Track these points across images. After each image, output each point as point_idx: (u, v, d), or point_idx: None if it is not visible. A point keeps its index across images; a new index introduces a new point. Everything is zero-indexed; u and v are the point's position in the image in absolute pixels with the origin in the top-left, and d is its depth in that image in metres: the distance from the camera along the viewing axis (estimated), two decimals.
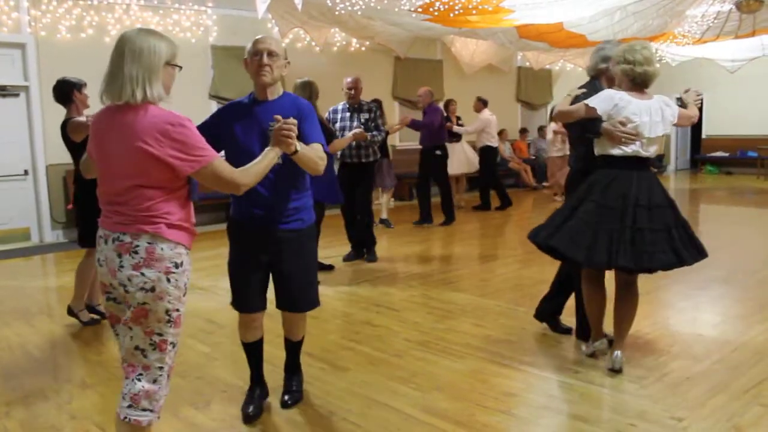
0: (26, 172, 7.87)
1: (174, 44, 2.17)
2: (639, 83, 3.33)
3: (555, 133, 10.65)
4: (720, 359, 3.64)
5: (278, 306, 2.99)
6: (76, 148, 4.22)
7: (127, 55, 2.05)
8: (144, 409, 2.15)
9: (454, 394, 3.21)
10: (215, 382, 3.46)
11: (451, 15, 7.69)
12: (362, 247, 6.50)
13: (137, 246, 2.08)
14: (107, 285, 2.18)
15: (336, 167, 5.96)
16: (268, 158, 2.35)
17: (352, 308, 4.83)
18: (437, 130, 8.54)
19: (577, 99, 3.52)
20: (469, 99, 10.43)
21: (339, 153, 6.09)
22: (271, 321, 4.54)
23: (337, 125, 6.09)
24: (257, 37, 2.78)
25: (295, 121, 2.43)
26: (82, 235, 4.41)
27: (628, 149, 3.30)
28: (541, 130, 13.52)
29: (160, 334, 2.14)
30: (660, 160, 15.78)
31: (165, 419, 3.01)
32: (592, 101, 3.33)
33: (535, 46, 10.25)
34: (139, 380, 2.15)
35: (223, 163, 2.19)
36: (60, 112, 4.46)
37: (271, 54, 2.70)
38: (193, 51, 8.91)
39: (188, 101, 8.99)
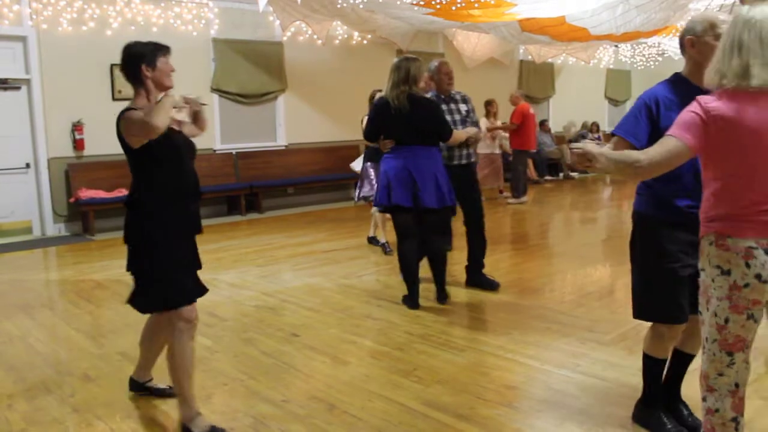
0: (28, 166, 7.86)
1: None
2: None
3: (488, 130, 10.21)
4: None
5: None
6: (139, 155, 2.69)
7: None
8: None
9: (455, 387, 3.22)
10: (217, 375, 3.47)
11: (453, 8, 7.67)
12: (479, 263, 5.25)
13: None
14: (762, 303, 2.04)
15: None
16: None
17: (353, 301, 4.84)
18: None
19: None
20: (471, 93, 10.31)
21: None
22: (272, 314, 4.56)
23: None
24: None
25: None
26: (160, 295, 2.77)
27: None
28: (543, 124, 13.48)
29: None
30: None
31: (166, 413, 3.03)
32: None
33: (537, 39, 10.21)
34: None
35: None
36: (61, 106, 3.81)
37: None
38: (195, 44, 8.90)
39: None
